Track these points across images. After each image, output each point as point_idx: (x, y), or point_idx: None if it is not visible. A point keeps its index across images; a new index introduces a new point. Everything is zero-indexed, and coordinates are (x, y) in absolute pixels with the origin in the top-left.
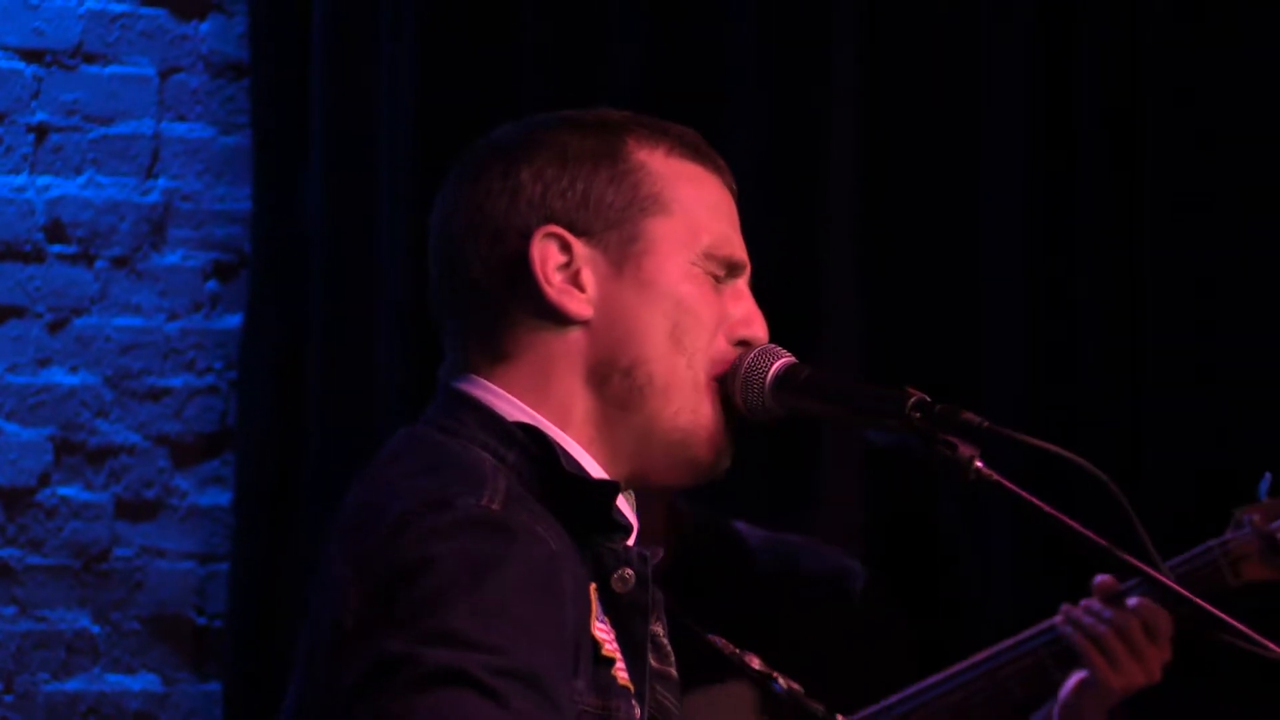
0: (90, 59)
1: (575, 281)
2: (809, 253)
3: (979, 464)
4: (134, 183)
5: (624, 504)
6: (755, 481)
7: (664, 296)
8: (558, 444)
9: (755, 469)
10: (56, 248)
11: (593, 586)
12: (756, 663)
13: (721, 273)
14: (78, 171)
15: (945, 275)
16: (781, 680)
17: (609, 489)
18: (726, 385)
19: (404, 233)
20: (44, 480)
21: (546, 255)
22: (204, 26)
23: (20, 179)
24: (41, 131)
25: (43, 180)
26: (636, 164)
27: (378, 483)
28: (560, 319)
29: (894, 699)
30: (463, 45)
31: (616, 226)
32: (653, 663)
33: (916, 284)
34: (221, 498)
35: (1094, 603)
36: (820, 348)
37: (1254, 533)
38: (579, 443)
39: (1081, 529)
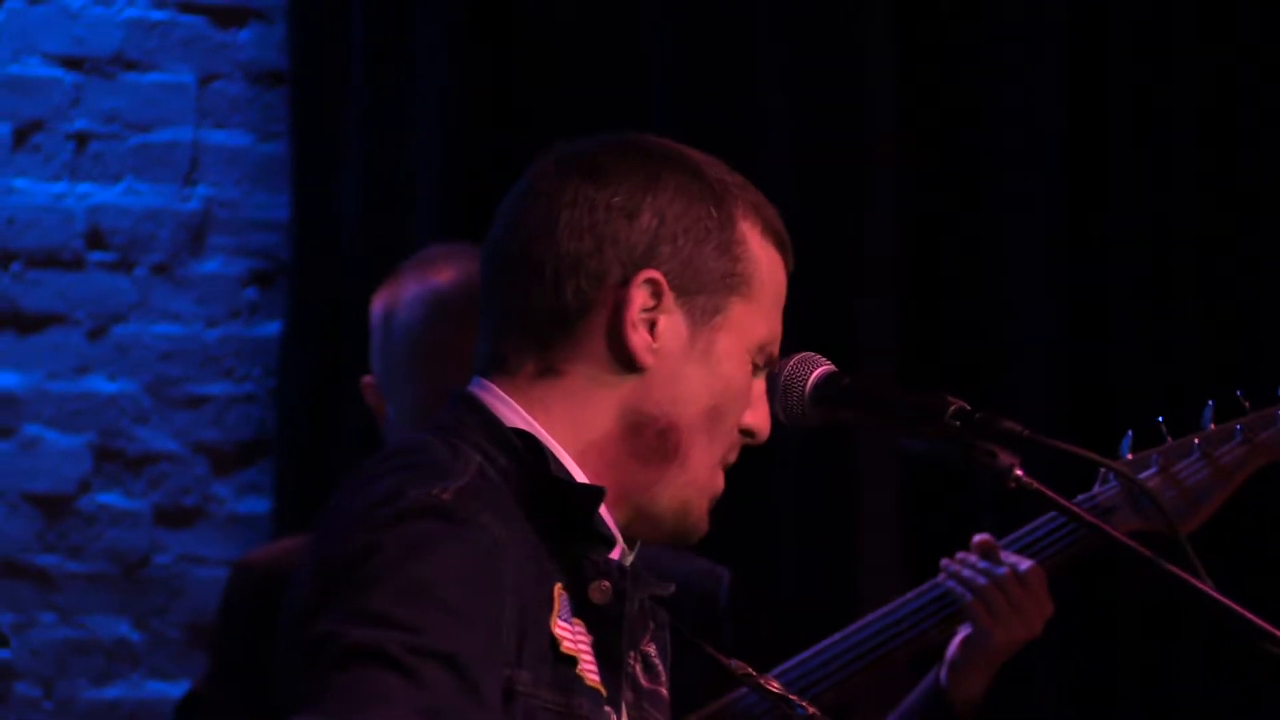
0: (130, 67)
1: (651, 329)
2: (846, 257)
3: (1019, 472)
4: (173, 190)
5: (609, 518)
6: (796, 488)
7: (719, 375)
8: (550, 452)
9: (793, 475)
10: (96, 255)
11: (558, 586)
12: (775, 686)
13: (760, 363)
14: (117, 179)
15: (979, 280)
16: (805, 705)
17: (594, 494)
18: (767, 395)
19: (441, 239)
20: (83, 487)
21: (638, 299)
22: (243, 34)
23: (60, 186)
24: (81, 139)
25: (82, 188)
26: (740, 237)
27: (354, 488)
28: (624, 360)
29: (776, 672)
30: (499, 54)
31: (707, 293)
32: (642, 680)
33: (952, 289)
34: (260, 505)
35: (972, 556)
36: (857, 355)
37: (1120, 487)
38: (583, 469)
39: (1120, 535)
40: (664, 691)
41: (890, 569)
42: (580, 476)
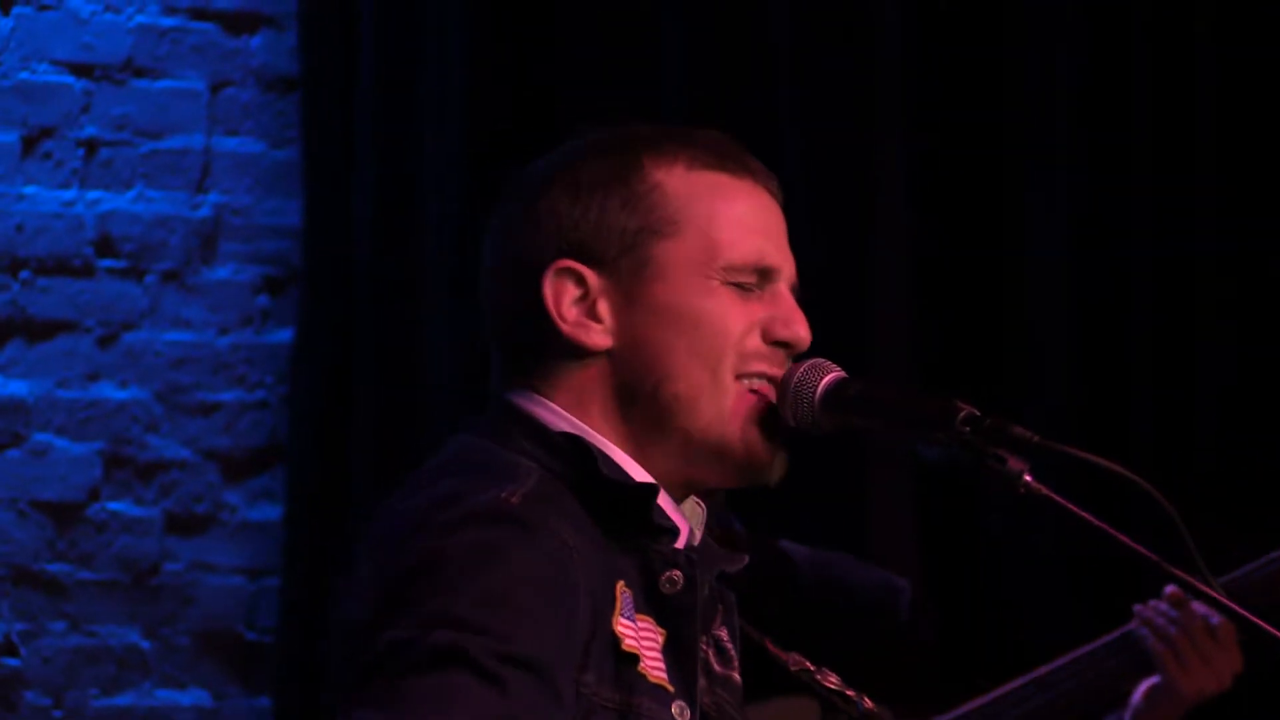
0: (140, 73)
1: (592, 313)
2: (858, 261)
3: (1029, 478)
4: (184, 197)
5: (671, 508)
6: (806, 495)
7: (679, 318)
8: (599, 450)
9: (806, 482)
10: (106, 262)
11: (620, 584)
12: (833, 680)
13: (751, 280)
14: (128, 186)
15: (994, 287)
16: (863, 699)
17: (647, 491)
18: (778, 400)
19: (452, 246)
20: (94, 495)
21: (560, 291)
22: (255, 41)
23: (70, 193)
24: (91, 146)
25: (93, 194)
26: (651, 185)
27: (412, 489)
28: (581, 351)
29: (959, 714)
30: (510, 60)
31: (629, 253)
32: (715, 666)
33: (966, 295)
34: (272, 512)
35: (1163, 604)
36: (869, 360)
37: None
38: (625, 452)
39: (1132, 543)
40: (736, 676)
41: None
42: (632, 466)
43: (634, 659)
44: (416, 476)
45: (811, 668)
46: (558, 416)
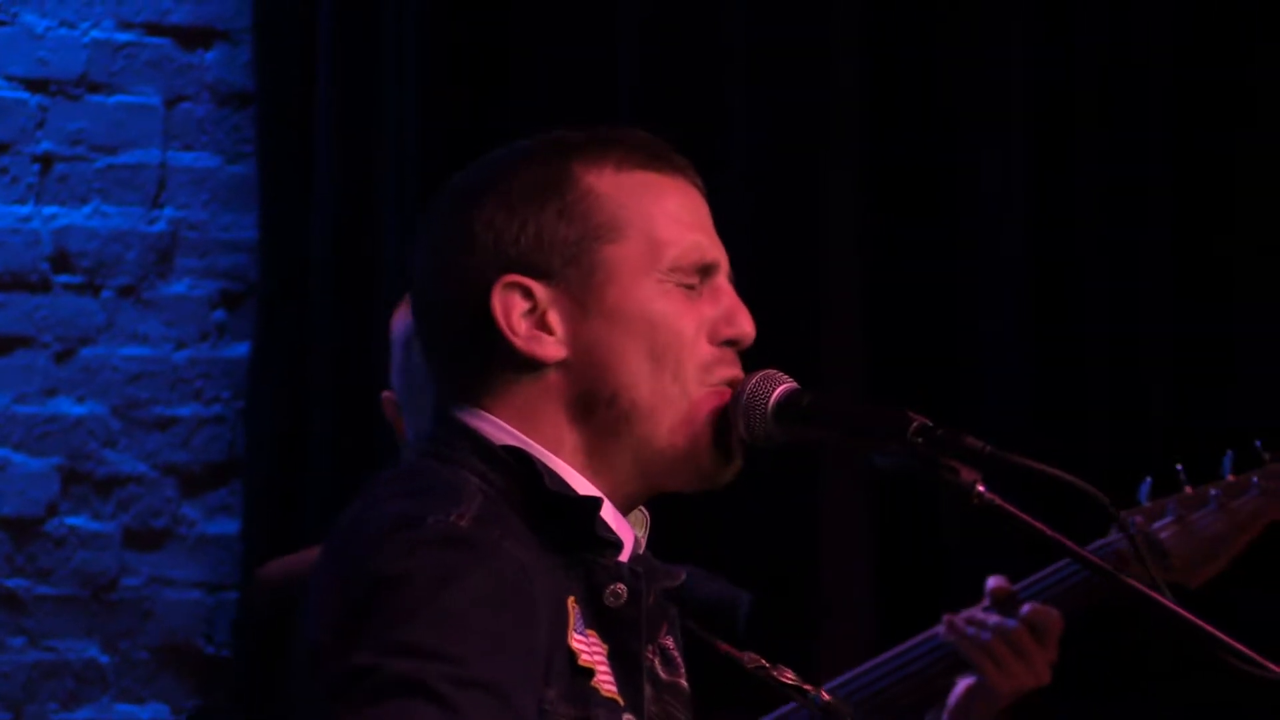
0: (95, 88)
1: (543, 325)
2: (809, 273)
3: (981, 488)
4: (140, 212)
5: (616, 520)
6: (759, 506)
7: (634, 321)
8: (542, 464)
9: (759, 494)
10: (63, 277)
11: (571, 600)
12: (789, 676)
13: (694, 280)
14: (84, 201)
15: (946, 295)
16: (820, 692)
17: (592, 505)
18: (729, 411)
19: (411, 260)
20: (52, 510)
21: (509, 306)
22: (209, 55)
23: (26, 209)
24: (47, 161)
25: (49, 210)
26: (584, 190)
27: (360, 510)
28: (535, 365)
29: (778, 714)
30: (466, 72)
31: (574, 262)
32: (661, 674)
33: (918, 304)
34: (229, 526)
35: (977, 611)
36: (821, 371)
37: (1139, 535)
38: (574, 468)
39: (1084, 553)
40: (683, 683)
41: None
42: (577, 479)
43: (589, 673)
44: (370, 495)
45: (767, 664)
46: (502, 430)
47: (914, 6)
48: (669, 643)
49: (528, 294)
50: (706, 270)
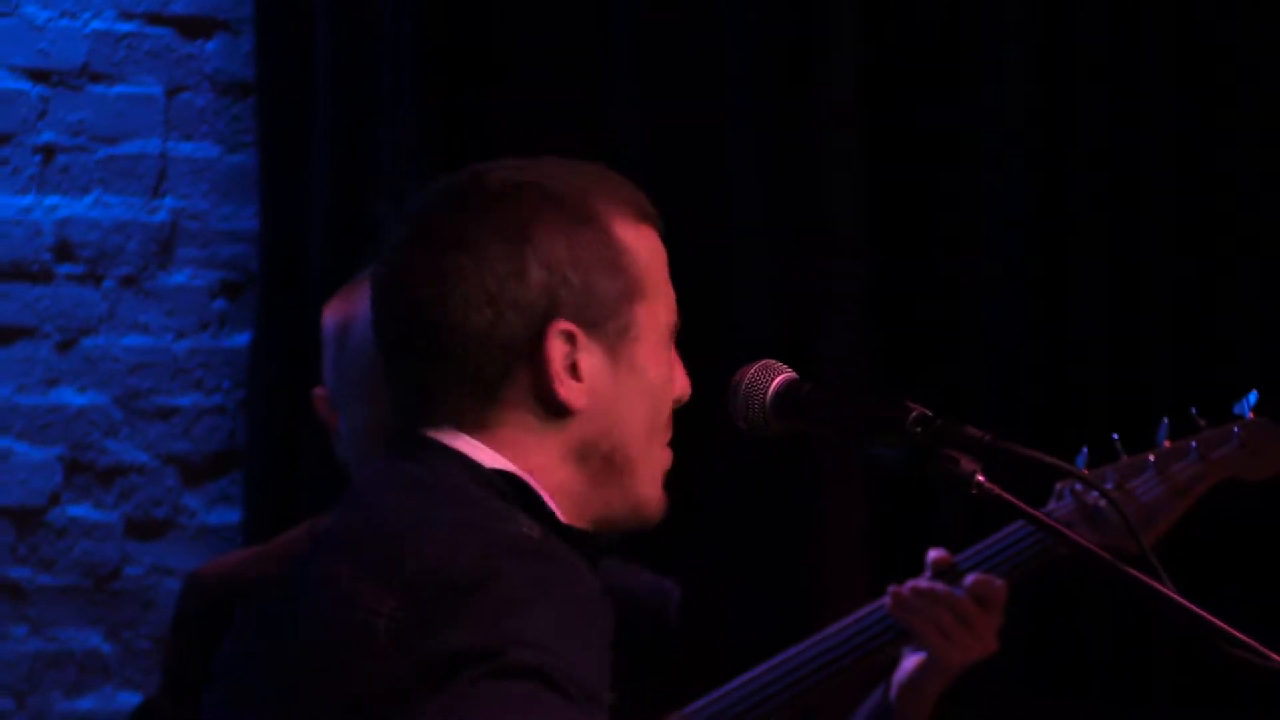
0: (96, 79)
1: (574, 372)
2: (810, 263)
3: (981, 478)
4: (141, 202)
5: None
6: (759, 497)
7: (648, 384)
8: (538, 493)
9: (759, 484)
10: (64, 268)
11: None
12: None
13: (671, 339)
14: (85, 191)
15: (947, 288)
16: None
17: (596, 543)
18: (728, 402)
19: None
20: (54, 500)
21: (556, 350)
22: (210, 46)
23: (27, 199)
24: (48, 152)
25: (50, 200)
26: (621, 246)
27: (397, 511)
28: (559, 410)
29: (724, 691)
30: (464, 62)
31: (614, 317)
32: None
33: (918, 297)
34: (231, 516)
35: (922, 581)
36: (821, 362)
37: (1075, 503)
38: (553, 498)
39: (1084, 542)
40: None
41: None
42: (560, 511)
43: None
44: (380, 500)
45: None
46: (490, 456)
47: None
48: None
49: (572, 340)
50: (674, 327)
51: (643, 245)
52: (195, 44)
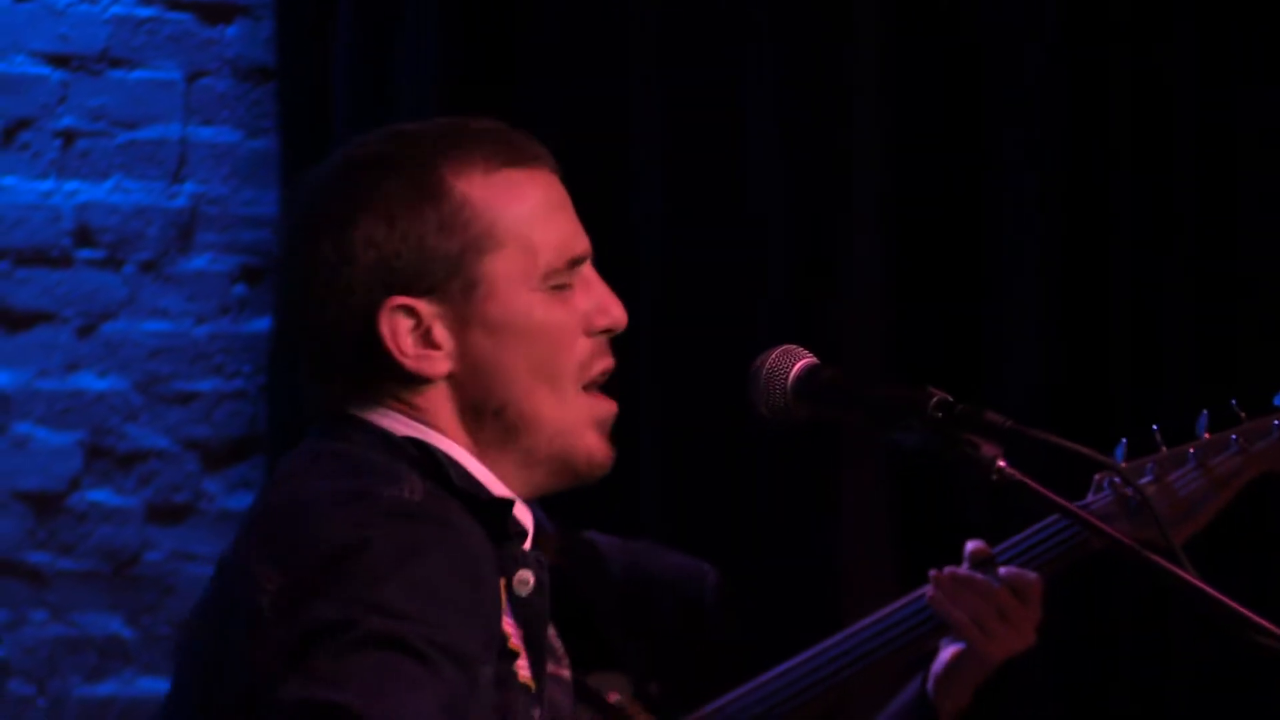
0: (116, 64)
1: (429, 340)
2: (831, 248)
3: (1002, 463)
4: (161, 187)
5: (520, 509)
6: (780, 483)
7: (517, 334)
8: (448, 457)
9: (780, 470)
10: (84, 253)
11: (502, 582)
12: (614, 698)
13: (567, 278)
14: (105, 176)
15: (967, 273)
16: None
17: (504, 506)
18: (750, 386)
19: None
20: (74, 485)
21: (396, 328)
22: (230, 31)
23: (48, 184)
24: (69, 137)
25: (70, 185)
26: (460, 200)
27: (294, 486)
28: (423, 380)
29: (760, 682)
30: (485, 49)
31: (455, 275)
32: (548, 664)
33: (939, 282)
34: (251, 501)
35: (962, 570)
36: (841, 349)
37: (1114, 495)
38: (477, 459)
39: (1106, 528)
40: (566, 674)
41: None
42: (483, 473)
43: (514, 656)
44: (292, 479)
45: (627, 710)
46: (403, 425)
47: None
48: (552, 632)
49: (412, 313)
50: (576, 263)
51: (496, 194)
52: (215, 29)
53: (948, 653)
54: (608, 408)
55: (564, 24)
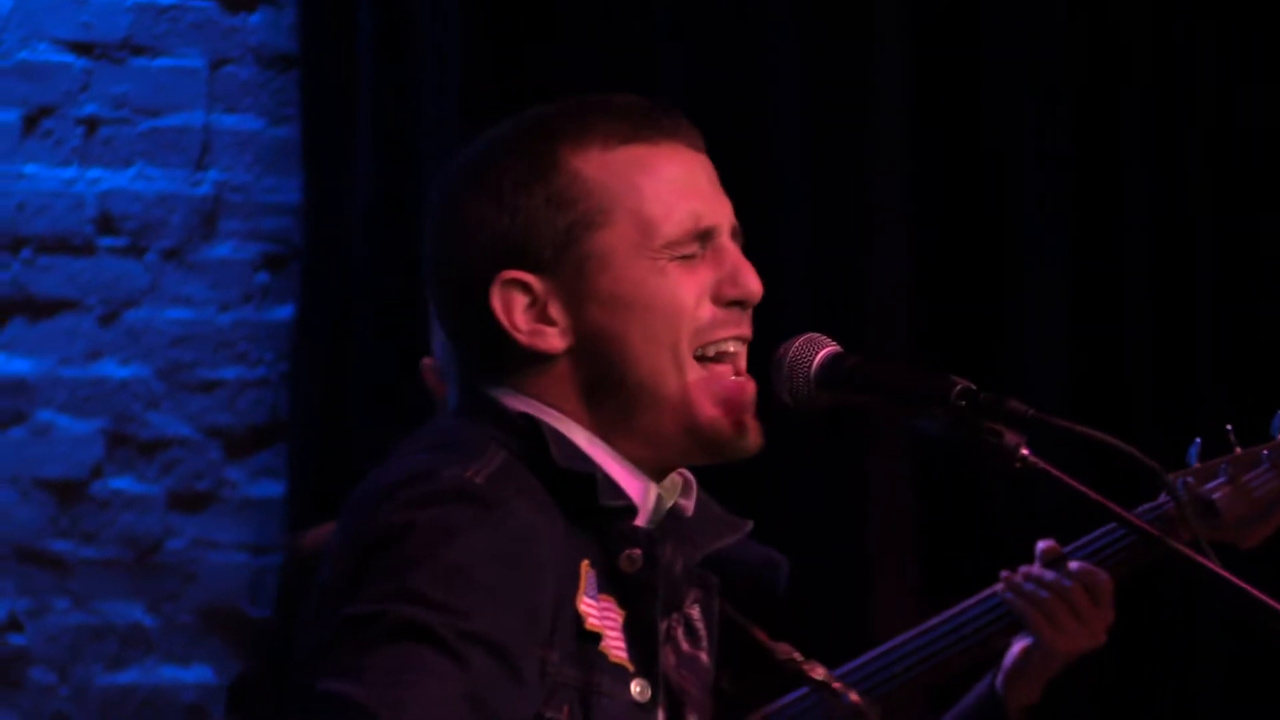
0: (139, 51)
1: (544, 317)
2: (855, 235)
3: (1025, 451)
4: (184, 175)
5: (633, 485)
6: (806, 471)
7: (630, 306)
8: (553, 432)
9: (805, 458)
10: (107, 240)
11: (585, 564)
12: (820, 672)
13: (694, 249)
14: (128, 164)
15: (990, 260)
16: (849, 693)
17: (585, 480)
18: (772, 376)
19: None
20: (96, 473)
21: (510, 302)
22: (253, 18)
23: (70, 172)
24: (91, 124)
25: (93, 173)
26: (571, 176)
27: (385, 464)
28: (542, 357)
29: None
30: (507, 35)
31: (565, 250)
32: (683, 644)
33: (962, 270)
34: (274, 489)
35: (1034, 568)
36: (865, 335)
37: (1187, 496)
38: (597, 435)
39: (1130, 517)
40: (704, 657)
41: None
42: (594, 447)
43: (596, 638)
44: (397, 451)
45: (799, 658)
46: (519, 400)
47: None
48: (694, 613)
49: (526, 288)
50: (706, 235)
51: (612, 169)
52: (238, 17)
53: (1018, 648)
54: (735, 383)
55: (587, 4)
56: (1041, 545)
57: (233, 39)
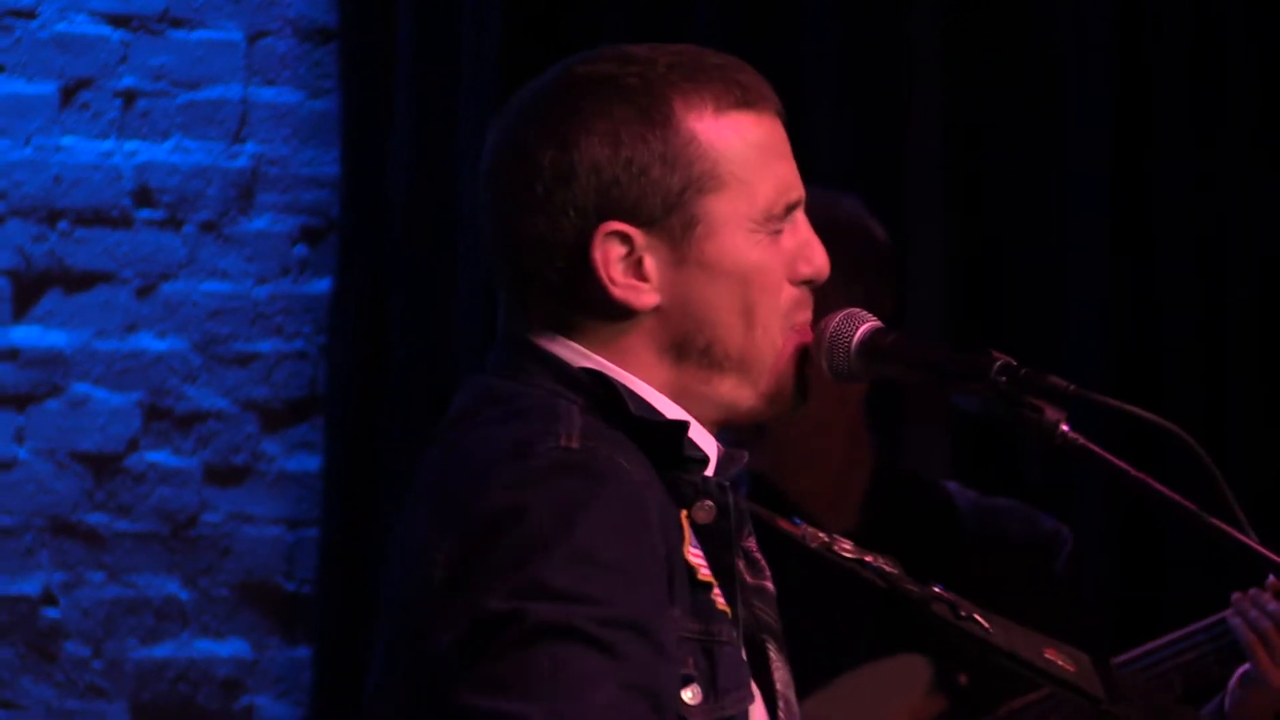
0: (177, 24)
1: (638, 272)
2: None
3: (1065, 428)
4: (221, 147)
5: (700, 434)
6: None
7: (730, 275)
8: (625, 388)
9: None
10: (144, 213)
11: (683, 514)
12: (847, 547)
13: (781, 224)
14: (165, 136)
15: (1029, 243)
16: (881, 563)
17: (679, 429)
18: (811, 350)
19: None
20: (132, 446)
21: (609, 254)
22: None
23: (108, 144)
24: (129, 97)
25: (130, 145)
26: (688, 136)
27: (460, 437)
28: (628, 312)
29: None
30: (547, 15)
31: (675, 210)
32: (746, 577)
33: (1000, 249)
34: (310, 463)
35: (1262, 595)
36: (905, 310)
37: None
38: (663, 392)
39: (1171, 494)
40: (769, 585)
41: None
42: (662, 402)
43: (709, 587)
44: (455, 426)
45: (826, 538)
46: (581, 356)
47: None
48: (752, 545)
49: (626, 240)
50: (791, 208)
51: (724, 135)
52: None
53: (1239, 673)
54: (799, 349)
55: None
56: (1274, 579)
57: (271, 11)
